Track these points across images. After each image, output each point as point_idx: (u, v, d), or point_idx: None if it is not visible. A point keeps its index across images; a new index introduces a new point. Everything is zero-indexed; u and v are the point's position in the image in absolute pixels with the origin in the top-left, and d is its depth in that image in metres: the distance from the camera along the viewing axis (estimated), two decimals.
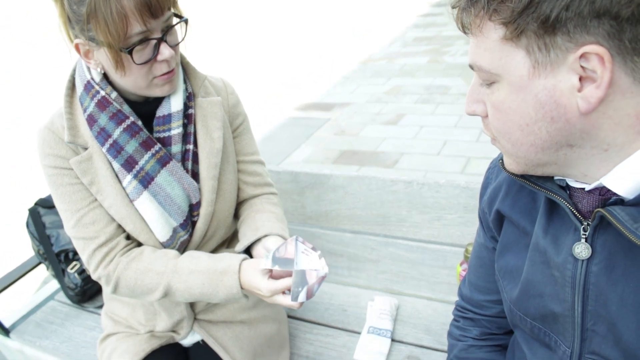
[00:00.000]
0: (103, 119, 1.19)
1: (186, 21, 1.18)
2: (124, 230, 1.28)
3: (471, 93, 0.80)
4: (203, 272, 1.21)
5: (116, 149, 1.20)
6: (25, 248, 2.33)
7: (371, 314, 1.69)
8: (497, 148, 0.82)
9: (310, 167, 4.36)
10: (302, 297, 1.10)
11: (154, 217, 1.25)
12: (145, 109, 1.25)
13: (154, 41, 1.11)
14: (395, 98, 5.63)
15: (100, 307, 1.99)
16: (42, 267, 2.09)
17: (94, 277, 1.29)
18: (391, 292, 1.82)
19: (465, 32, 0.75)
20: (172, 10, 1.15)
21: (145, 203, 1.24)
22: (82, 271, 1.97)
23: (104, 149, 1.21)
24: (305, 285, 1.09)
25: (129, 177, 1.22)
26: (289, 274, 1.12)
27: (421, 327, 1.67)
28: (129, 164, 1.21)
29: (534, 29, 0.65)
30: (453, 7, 0.75)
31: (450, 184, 1.60)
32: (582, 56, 0.63)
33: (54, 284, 2.30)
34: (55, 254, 2.00)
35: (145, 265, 1.25)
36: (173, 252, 1.28)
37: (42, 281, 3.06)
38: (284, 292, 1.14)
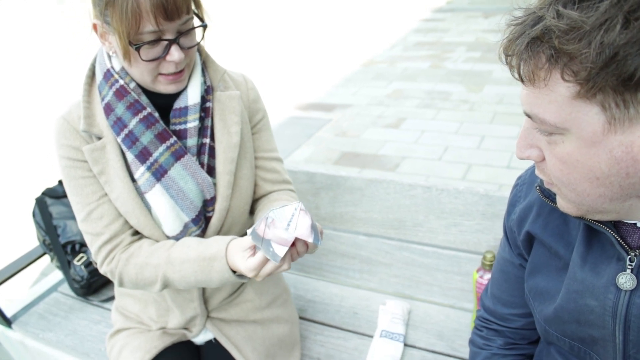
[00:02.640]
0: (120, 109, 1.18)
1: (205, 27, 1.17)
2: (130, 227, 1.26)
3: (524, 137, 0.76)
4: (194, 261, 1.19)
5: (131, 140, 1.19)
6: (30, 238, 2.31)
7: (383, 317, 1.68)
8: (554, 191, 0.79)
9: (311, 167, 4.35)
10: (279, 250, 1.02)
11: (165, 211, 1.24)
12: (163, 100, 1.23)
13: (165, 42, 1.09)
14: (396, 101, 5.63)
15: (106, 300, 1.96)
16: (46, 257, 2.07)
17: (101, 271, 1.28)
18: (403, 296, 1.81)
19: (522, 81, 0.70)
20: (192, 13, 1.13)
21: (157, 196, 1.22)
22: (88, 264, 1.94)
23: (119, 139, 1.19)
24: (269, 241, 1.02)
25: (142, 168, 1.20)
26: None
27: (433, 332, 1.66)
28: (143, 155, 1.20)
29: (612, 86, 0.61)
30: (508, 55, 0.70)
31: (470, 190, 1.59)
32: None
33: (57, 275, 2.26)
34: (62, 245, 1.97)
35: (142, 259, 1.23)
36: (169, 243, 1.25)
37: (45, 272, 3.03)
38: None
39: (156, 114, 1.20)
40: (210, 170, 1.28)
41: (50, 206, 2.03)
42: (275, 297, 1.52)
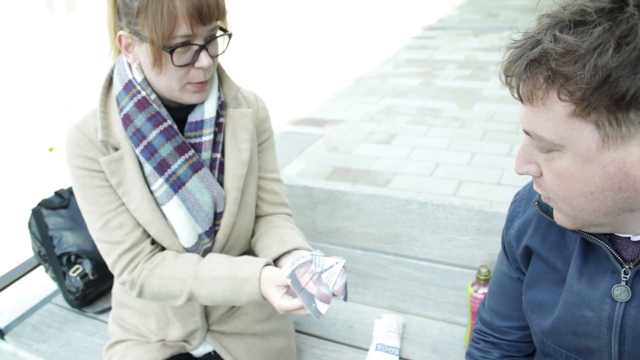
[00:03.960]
0: (140, 120, 1.20)
1: (230, 35, 1.20)
2: (149, 236, 1.28)
3: (523, 154, 0.80)
4: (225, 280, 1.21)
5: (150, 151, 1.20)
6: (24, 249, 2.30)
7: (378, 331, 1.70)
8: (551, 205, 0.83)
9: (308, 181, 4.37)
10: (322, 308, 1.07)
11: (182, 222, 1.25)
12: (179, 114, 1.25)
13: (196, 47, 1.13)
14: (387, 118, 5.68)
15: (100, 312, 1.96)
16: (40, 268, 2.06)
17: (118, 281, 1.29)
18: (397, 310, 1.83)
19: (521, 100, 0.75)
20: (219, 22, 1.17)
21: (174, 207, 1.24)
22: (84, 275, 1.95)
23: (138, 150, 1.21)
24: (313, 297, 1.07)
25: (161, 180, 1.22)
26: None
27: (428, 346, 1.68)
28: (161, 167, 1.22)
29: (606, 105, 0.66)
30: (508, 76, 0.75)
31: (465, 206, 1.62)
32: None
33: (51, 287, 2.26)
34: (57, 256, 1.98)
35: (168, 272, 1.24)
36: (195, 257, 1.27)
37: (39, 283, 3.00)
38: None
39: (175, 127, 1.22)
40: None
41: (46, 217, 2.03)
42: (274, 310, 1.54)
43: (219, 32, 1.18)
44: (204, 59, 1.14)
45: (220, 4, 1.14)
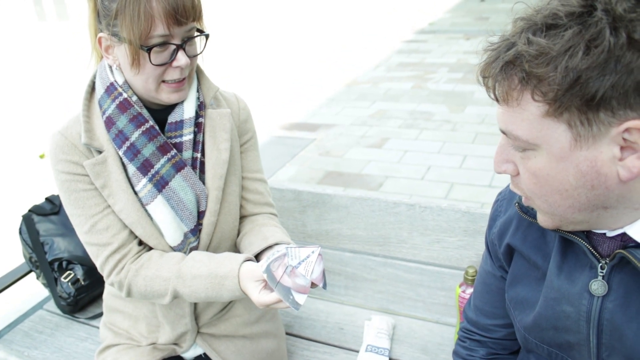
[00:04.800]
0: (122, 121, 1.21)
1: (207, 36, 1.23)
2: (136, 236, 1.29)
3: (500, 153, 0.83)
4: (205, 277, 1.23)
5: (133, 152, 1.22)
6: (14, 256, 2.30)
7: (368, 332, 1.72)
8: (532, 206, 0.86)
9: (297, 185, 4.39)
10: (300, 299, 1.09)
11: (167, 221, 1.27)
12: (160, 115, 1.27)
13: (173, 47, 1.15)
14: (379, 122, 5.71)
15: (92, 318, 1.97)
16: (31, 275, 2.06)
17: (107, 282, 1.31)
18: (387, 311, 1.85)
19: (497, 101, 0.77)
20: (196, 23, 1.19)
21: (159, 207, 1.26)
22: (75, 281, 1.95)
23: (121, 152, 1.22)
24: (289, 290, 1.08)
25: (144, 180, 1.24)
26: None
27: (417, 346, 1.69)
28: (144, 167, 1.23)
29: (577, 106, 0.68)
30: (485, 77, 0.77)
31: (452, 208, 1.64)
32: (625, 130, 0.68)
33: (43, 293, 2.26)
34: (49, 262, 1.98)
35: (153, 272, 1.26)
36: (179, 256, 1.29)
37: (30, 289, 3.00)
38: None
39: (157, 127, 1.24)
40: None
41: (37, 223, 2.04)
42: (264, 312, 1.55)
43: (196, 33, 1.21)
44: (181, 58, 1.16)
45: (195, 5, 1.17)
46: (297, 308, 1.09)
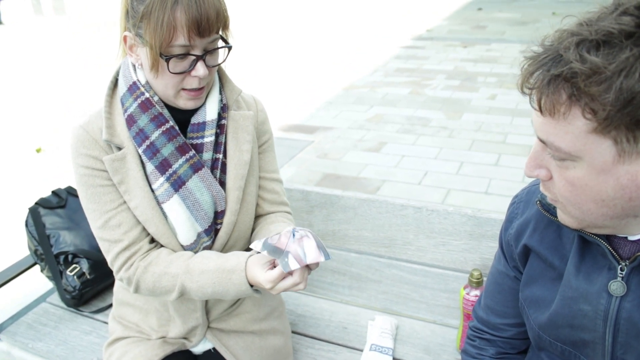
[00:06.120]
0: (143, 120, 1.24)
1: (230, 48, 1.25)
2: (148, 234, 1.31)
3: (534, 158, 0.84)
4: (213, 272, 1.25)
5: (152, 151, 1.24)
6: (19, 248, 2.30)
7: (372, 332, 1.74)
8: (557, 207, 0.88)
9: (303, 186, 4.41)
10: (292, 264, 1.10)
11: (181, 221, 1.29)
12: (181, 116, 1.29)
13: (193, 57, 1.16)
14: (377, 126, 5.75)
15: (96, 312, 1.98)
16: (35, 268, 2.07)
17: (117, 278, 1.33)
18: (391, 312, 1.87)
19: (540, 111, 0.78)
20: (221, 33, 1.21)
21: (174, 206, 1.28)
22: (81, 274, 1.97)
23: (141, 150, 1.25)
24: (288, 254, 1.11)
25: (162, 179, 1.26)
26: None
27: (420, 347, 1.72)
28: (163, 166, 1.26)
29: (626, 124, 0.70)
30: (530, 88, 0.78)
31: (458, 211, 1.67)
32: None
33: (46, 286, 2.27)
34: (54, 255, 1.99)
35: (161, 268, 1.28)
36: (188, 254, 1.31)
37: (34, 282, 3.00)
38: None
39: (177, 127, 1.26)
40: (221, 185, 1.34)
41: (43, 216, 2.05)
42: (272, 309, 1.58)
43: (220, 43, 1.22)
44: (200, 69, 1.17)
45: (220, 17, 1.17)
46: (286, 269, 1.11)
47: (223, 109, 1.35)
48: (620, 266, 0.88)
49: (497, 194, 4.14)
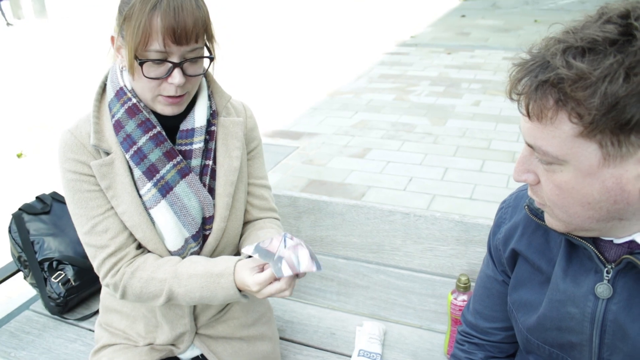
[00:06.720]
0: (131, 126, 1.23)
1: (211, 59, 1.24)
2: (135, 240, 1.31)
3: (522, 163, 0.87)
4: (201, 276, 1.25)
5: (140, 156, 1.24)
6: (3, 254, 2.27)
7: (360, 337, 1.75)
8: (545, 210, 0.90)
9: (291, 192, 4.41)
10: (285, 270, 1.10)
11: (169, 226, 1.29)
12: (169, 121, 1.29)
13: (170, 64, 1.16)
14: (361, 132, 5.76)
15: (81, 319, 1.96)
16: (18, 275, 2.04)
17: (103, 283, 1.32)
18: (378, 317, 1.88)
19: (528, 116, 0.80)
20: (202, 43, 1.19)
21: (162, 211, 1.28)
22: (66, 281, 1.94)
23: (128, 155, 1.24)
24: (282, 259, 1.10)
25: (149, 184, 1.26)
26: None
27: (408, 352, 1.73)
28: (150, 172, 1.25)
29: (610, 128, 0.73)
30: (518, 93, 0.80)
31: (446, 217, 1.69)
32: None
33: (29, 293, 2.24)
34: (39, 262, 1.97)
35: (148, 273, 1.28)
36: (175, 259, 1.31)
37: (16, 289, 2.96)
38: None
39: (164, 133, 1.26)
40: (210, 191, 1.34)
41: (27, 222, 2.03)
42: (260, 315, 1.57)
43: (206, 53, 1.22)
44: (176, 76, 1.16)
45: (199, 26, 1.15)
46: (279, 275, 1.11)
47: (212, 115, 1.35)
48: (606, 269, 0.89)
49: (481, 199, 4.17)
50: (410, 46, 10.12)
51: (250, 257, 1.26)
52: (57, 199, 2.13)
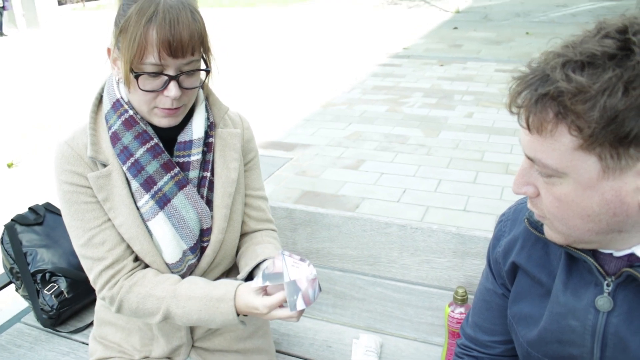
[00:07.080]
0: (127, 138, 1.22)
1: (207, 72, 1.24)
2: (132, 252, 1.29)
3: (522, 175, 0.87)
4: (200, 299, 1.24)
5: (137, 168, 1.23)
6: None
7: (356, 350, 1.73)
8: (544, 223, 0.91)
9: (287, 204, 4.39)
10: (300, 304, 1.11)
11: (167, 238, 1.28)
12: (167, 133, 1.28)
13: (166, 77, 1.15)
14: (355, 143, 5.78)
15: (74, 332, 1.93)
16: (9, 287, 2.02)
17: (99, 296, 1.30)
18: (374, 330, 1.87)
19: (528, 129, 0.80)
20: (198, 56, 1.19)
21: (160, 223, 1.27)
22: (59, 293, 1.92)
23: (125, 167, 1.24)
24: (299, 292, 1.11)
25: (147, 196, 1.25)
26: (282, 288, 1.14)
27: None
28: (147, 184, 1.24)
29: (610, 141, 0.73)
30: (518, 107, 0.81)
31: (442, 229, 1.68)
32: None
33: (21, 305, 2.21)
34: (31, 274, 1.95)
35: (146, 289, 1.26)
36: (175, 277, 1.30)
37: (7, 302, 2.92)
38: (281, 306, 1.17)
39: (161, 145, 1.25)
40: (208, 203, 1.33)
41: (20, 233, 2.00)
42: (256, 328, 1.56)
43: (202, 66, 1.22)
44: (172, 89, 1.16)
45: (195, 39, 1.15)
46: (292, 309, 1.11)
47: (210, 127, 1.34)
48: (606, 282, 0.90)
49: (475, 211, 4.18)
50: (403, 58, 10.19)
51: (250, 278, 1.27)
52: (50, 209, 2.11)
